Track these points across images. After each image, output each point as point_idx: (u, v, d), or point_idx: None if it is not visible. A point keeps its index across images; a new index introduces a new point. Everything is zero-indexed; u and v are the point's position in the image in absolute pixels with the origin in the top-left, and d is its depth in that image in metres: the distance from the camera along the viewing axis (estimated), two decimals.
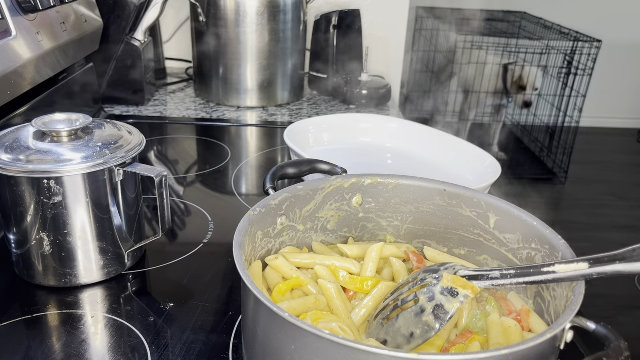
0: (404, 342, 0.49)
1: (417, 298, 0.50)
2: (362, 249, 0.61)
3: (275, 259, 0.58)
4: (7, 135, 0.65)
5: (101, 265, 0.67)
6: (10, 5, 0.82)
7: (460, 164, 0.94)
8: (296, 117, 1.32)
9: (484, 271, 0.50)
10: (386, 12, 1.62)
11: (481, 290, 0.49)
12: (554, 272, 0.46)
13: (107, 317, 0.62)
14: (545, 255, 0.54)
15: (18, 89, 0.83)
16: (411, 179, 0.64)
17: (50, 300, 0.65)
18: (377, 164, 1.01)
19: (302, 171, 0.68)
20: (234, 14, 1.28)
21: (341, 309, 0.53)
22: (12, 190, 0.61)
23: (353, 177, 0.64)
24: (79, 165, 0.61)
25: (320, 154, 0.98)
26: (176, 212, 0.87)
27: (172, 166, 1.05)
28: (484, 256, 0.62)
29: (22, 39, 0.83)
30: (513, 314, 0.54)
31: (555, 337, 0.41)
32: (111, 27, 1.22)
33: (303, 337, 0.41)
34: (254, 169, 1.06)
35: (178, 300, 0.65)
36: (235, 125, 1.27)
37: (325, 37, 1.43)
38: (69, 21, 1.00)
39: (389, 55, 1.67)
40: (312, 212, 0.63)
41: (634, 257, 0.43)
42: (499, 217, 0.59)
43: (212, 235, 0.79)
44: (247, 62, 1.32)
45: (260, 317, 0.45)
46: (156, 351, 0.57)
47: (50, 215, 0.62)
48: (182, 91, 1.48)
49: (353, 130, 1.07)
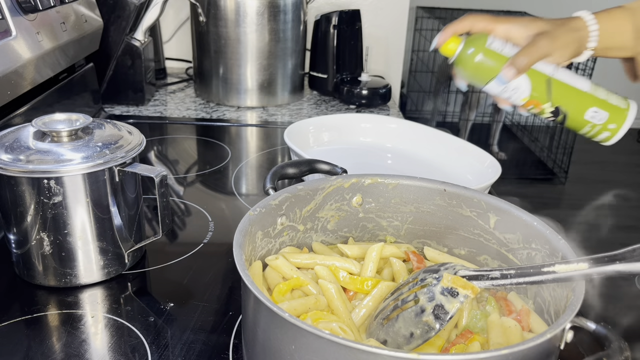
0: (404, 342, 0.49)
1: (417, 298, 0.50)
2: (362, 249, 0.61)
3: (275, 259, 0.58)
4: (7, 135, 0.65)
5: (101, 265, 0.67)
6: (10, 5, 0.82)
7: (460, 164, 0.94)
8: (296, 117, 1.32)
9: (484, 271, 0.50)
10: (386, 12, 1.62)
11: (481, 290, 0.49)
12: (554, 272, 0.46)
13: (107, 317, 0.62)
14: (545, 255, 0.54)
15: (18, 89, 0.83)
16: (411, 179, 0.64)
17: (50, 300, 0.65)
18: (377, 164, 1.01)
19: (302, 171, 0.68)
20: (234, 14, 1.28)
21: (341, 309, 0.53)
22: (12, 190, 0.61)
23: (353, 177, 0.64)
24: (79, 165, 0.61)
25: (320, 154, 0.98)
26: (176, 212, 0.87)
27: (172, 166, 1.05)
28: (484, 256, 0.62)
29: (22, 39, 0.83)
30: (513, 314, 0.54)
31: (555, 337, 0.41)
32: (111, 27, 1.22)
33: (303, 337, 0.41)
34: (254, 169, 1.06)
35: (178, 300, 0.65)
36: (235, 125, 1.27)
37: (325, 37, 1.43)
38: (69, 21, 1.00)
39: (389, 55, 1.67)
40: (312, 212, 0.63)
41: (634, 257, 0.43)
42: (499, 217, 0.59)
43: (212, 235, 0.79)
44: (247, 62, 1.32)
45: (260, 317, 0.45)
46: (156, 351, 0.57)
47: (50, 215, 0.62)
48: (182, 91, 1.48)
49: (353, 130, 1.07)
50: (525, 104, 0.66)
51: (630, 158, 3.67)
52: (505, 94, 0.66)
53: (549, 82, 0.64)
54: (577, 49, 0.65)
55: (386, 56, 1.66)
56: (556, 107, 0.65)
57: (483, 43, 0.65)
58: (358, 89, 1.37)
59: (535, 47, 0.63)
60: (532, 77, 0.65)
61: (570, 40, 0.64)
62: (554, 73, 0.65)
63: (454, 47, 0.66)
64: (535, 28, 0.64)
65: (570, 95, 0.65)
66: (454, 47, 0.66)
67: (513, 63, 0.63)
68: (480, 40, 0.66)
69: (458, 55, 0.66)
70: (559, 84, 0.65)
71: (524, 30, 0.65)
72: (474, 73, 0.67)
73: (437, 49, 0.67)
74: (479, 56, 0.65)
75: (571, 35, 0.64)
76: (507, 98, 0.67)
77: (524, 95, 0.65)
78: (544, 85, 0.64)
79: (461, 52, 0.66)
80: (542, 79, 0.65)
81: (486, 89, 0.67)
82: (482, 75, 0.66)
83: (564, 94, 0.65)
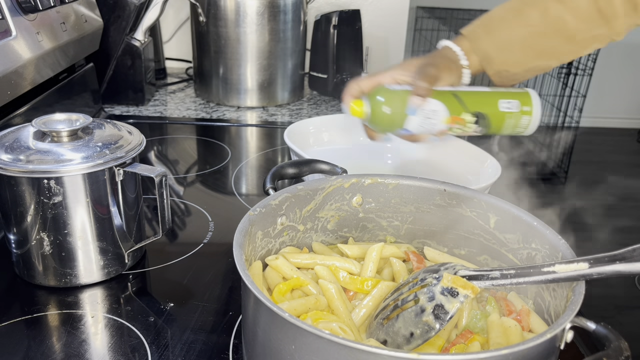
0: (403, 342, 0.49)
1: (417, 298, 0.50)
2: (362, 249, 0.61)
3: (276, 259, 0.58)
4: (7, 135, 0.65)
5: (101, 265, 0.67)
6: (10, 5, 0.82)
7: (460, 164, 0.94)
8: (296, 117, 1.32)
9: (484, 271, 0.50)
10: (386, 12, 1.62)
11: (481, 290, 0.49)
12: (554, 272, 0.46)
13: (107, 317, 0.62)
14: (545, 255, 0.54)
15: (18, 89, 0.83)
16: (411, 179, 0.64)
17: (50, 300, 0.65)
18: (377, 164, 1.00)
19: (302, 171, 0.68)
20: (234, 14, 1.28)
21: (341, 309, 0.53)
22: (12, 190, 0.61)
23: (353, 177, 0.64)
24: (79, 165, 0.61)
25: (320, 154, 0.98)
26: (176, 212, 0.87)
27: (172, 166, 1.05)
28: (484, 256, 0.62)
29: (22, 39, 0.83)
30: (513, 314, 0.54)
31: (555, 337, 0.41)
32: (111, 27, 1.22)
33: (303, 337, 0.41)
34: (254, 169, 1.06)
35: (178, 300, 0.65)
36: (235, 125, 1.27)
37: (325, 37, 1.43)
38: (69, 21, 1.00)
39: (389, 55, 1.67)
40: (312, 212, 0.63)
41: (634, 257, 0.43)
42: (499, 217, 0.59)
43: (212, 235, 0.79)
44: (247, 62, 1.32)
45: (260, 317, 0.45)
46: (156, 351, 0.57)
47: (50, 215, 0.62)
48: (182, 91, 1.48)
49: (353, 130, 1.07)
50: (449, 123, 0.70)
51: (630, 158, 3.67)
52: (426, 123, 0.70)
53: (456, 96, 0.70)
54: (456, 69, 0.73)
55: (386, 56, 1.66)
56: (474, 112, 0.70)
57: (384, 90, 0.71)
58: None
59: (424, 74, 0.69)
60: (441, 98, 0.70)
61: (447, 64, 0.72)
62: (455, 89, 0.71)
63: (360, 106, 0.71)
64: (414, 65, 0.72)
65: (480, 98, 0.71)
66: (360, 107, 0.71)
67: (415, 90, 0.68)
68: (379, 90, 0.71)
69: (370, 110, 0.70)
70: (466, 93, 0.71)
71: (406, 70, 0.72)
72: (388, 117, 0.70)
73: (351, 115, 0.72)
74: (386, 99, 0.70)
75: (446, 60, 0.73)
76: (431, 126, 0.70)
77: (443, 115, 0.70)
78: (454, 99, 0.70)
79: (371, 105, 0.70)
80: (449, 96, 0.70)
81: (408, 127, 0.70)
82: (397, 116, 0.70)
83: (474, 99, 0.71)
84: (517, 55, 0.73)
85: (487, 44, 0.73)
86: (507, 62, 0.73)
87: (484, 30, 0.74)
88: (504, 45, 0.73)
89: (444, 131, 0.71)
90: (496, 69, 0.74)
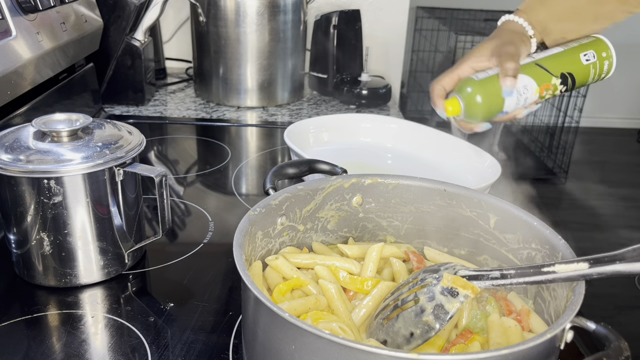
0: (403, 342, 0.49)
1: (417, 298, 0.50)
2: (362, 249, 0.61)
3: (276, 259, 0.58)
4: (7, 135, 0.65)
5: (101, 265, 0.67)
6: (10, 5, 0.82)
7: (460, 164, 0.94)
8: (296, 117, 1.32)
9: (484, 271, 0.50)
10: (386, 12, 1.62)
11: (481, 290, 0.49)
12: (554, 272, 0.46)
13: (107, 317, 0.62)
14: (545, 255, 0.54)
15: (18, 89, 0.83)
16: (411, 179, 0.64)
17: (50, 300, 0.65)
18: (377, 164, 1.00)
19: (302, 171, 0.68)
20: (234, 14, 1.28)
21: (341, 309, 0.53)
22: (12, 190, 0.61)
23: (353, 177, 0.64)
24: (79, 165, 0.61)
25: (320, 154, 0.98)
26: (176, 212, 0.87)
27: (172, 166, 1.05)
28: (484, 256, 0.62)
29: (22, 39, 0.83)
30: (513, 314, 0.54)
31: (555, 337, 0.41)
32: (111, 27, 1.22)
33: (303, 337, 0.41)
34: (254, 169, 1.06)
35: (178, 300, 0.65)
36: (235, 125, 1.27)
37: (325, 37, 1.43)
38: (69, 21, 1.00)
39: (389, 55, 1.67)
40: (312, 212, 0.63)
41: (634, 257, 0.43)
42: (499, 217, 0.59)
43: (212, 235, 0.79)
44: (247, 62, 1.32)
45: (260, 317, 0.45)
46: (156, 351, 0.57)
47: (50, 215, 0.62)
48: (182, 91, 1.48)
49: (353, 130, 1.07)
50: (540, 92, 0.72)
51: (630, 158, 3.67)
52: (521, 99, 0.72)
53: (539, 65, 0.73)
54: (527, 40, 0.74)
55: (386, 56, 1.66)
56: (560, 74, 0.73)
57: (471, 81, 0.71)
58: (358, 89, 1.37)
59: (506, 54, 0.70)
60: (527, 71, 0.72)
61: (520, 37, 0.74)
62: (534, 58, 0.73)
63: (455, 105, 0.72)
64: (487, 47, 0.73)
65: (561, 59, 0.74)
66: (455, 104, 0.72)
67: (505, 72, 0.69)
68: (468, 83, 0.72)
69: (464, 104, 0.71)
70: (546, 59, 0.73)
71: (481, 56, 0.73)
72: (486, 106, 0.71)
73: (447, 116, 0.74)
74: (479, 90, 0.71)
75: (516, 34, 0.74)
76: (525, 100, 0.72)
77: (534, 87, 0.72)
78: (539, 69, 0.72)
79: (464, 100, 0.71)
80: (533, 67, 0.72)
81: (506, 109, 0.72)
82: (493, 102, 0.71)
83: (556, 62, 0.73)
84: (574, 24, 0.74)
85: (544, 16, 0.74)
86: (564, 30, 0.75)
87: (539, 2, 0.75)
88: (561, 15, 0.74)
89: (537, 100, 0.73)
90: (554, 38, 0.75)
